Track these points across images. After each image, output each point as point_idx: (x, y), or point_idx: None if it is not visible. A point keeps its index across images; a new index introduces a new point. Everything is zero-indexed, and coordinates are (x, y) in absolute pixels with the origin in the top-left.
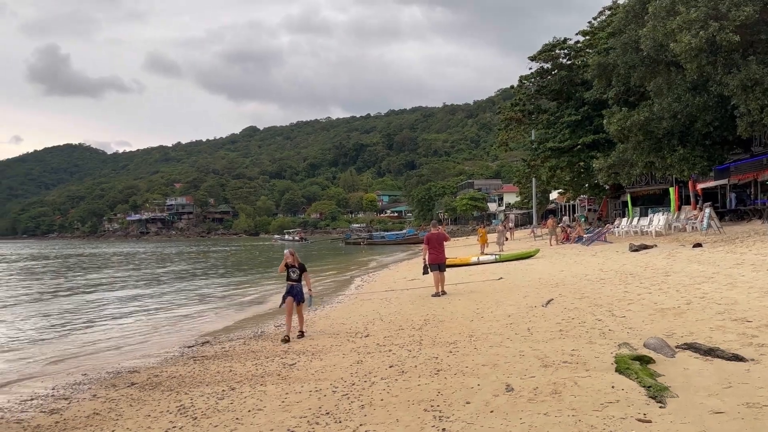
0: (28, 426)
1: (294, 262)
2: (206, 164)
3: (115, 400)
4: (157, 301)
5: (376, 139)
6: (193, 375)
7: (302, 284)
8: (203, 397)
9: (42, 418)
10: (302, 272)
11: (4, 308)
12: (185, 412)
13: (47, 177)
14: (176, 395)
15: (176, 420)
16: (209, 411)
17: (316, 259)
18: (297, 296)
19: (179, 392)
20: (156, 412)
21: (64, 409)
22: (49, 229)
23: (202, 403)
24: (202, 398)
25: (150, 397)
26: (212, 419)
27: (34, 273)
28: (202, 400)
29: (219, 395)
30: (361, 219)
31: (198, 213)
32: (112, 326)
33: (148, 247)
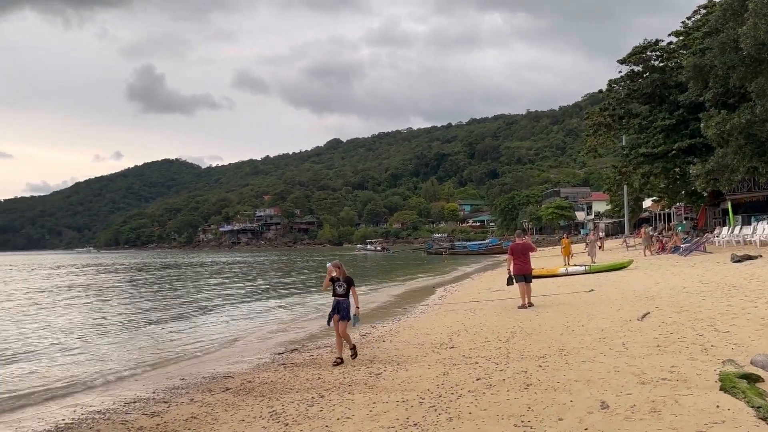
0: (132, 427)
1: (340, 276)
2: (293, 176)
3: (211, 404)
4: (251, 308)
5: (457, 148)
6: (284, 381)
7: (350, 300)
8: (294, 404)
9: (144, 420)
10: (350, 286)
11: (109, 316)
12: (277, 418)
13: (146, 190)
14: (268, 401)
15: (269, 425)
16: (300, 417)
17: (398, 269)
18: (343, 313)
19: (271, 398)
20: (250, 417)
21: (164, 412)
22: (149, 240)
23: (293, 409)
24: (293, 405)
25: (244, 402)
26: (303, 426)
27: (142, 282)
28: (293, 406)
29: (309, 402)
30: (442, 229)
31: (285, 224)
32: (207, 332)
33: (242, 256)
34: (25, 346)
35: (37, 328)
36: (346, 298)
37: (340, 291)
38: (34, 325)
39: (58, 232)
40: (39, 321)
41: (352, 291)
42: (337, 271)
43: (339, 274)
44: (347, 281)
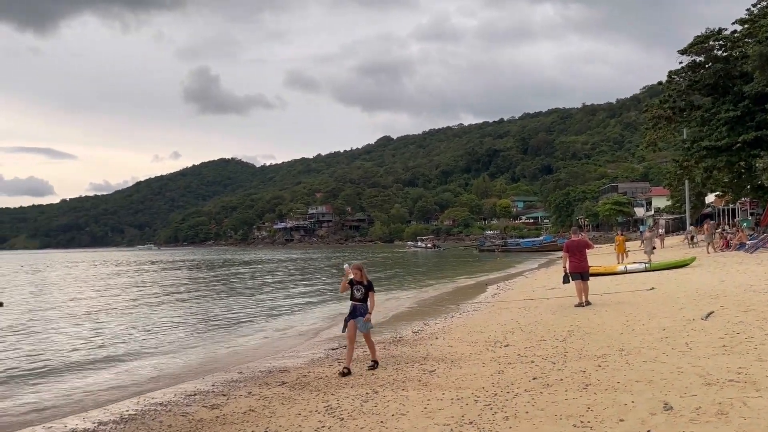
0: (192, 419)
1: (362, 279)
2: (344, 174)
3: (268, 398)
4: (307, 304)
5: (509, 143)
6: (338, 377)
7: (368, 305)
8: (348, 399)
9: (204, 413)
10: (368, 291)
11: (173, 312)
12: (332, 413)
13: (203, 189)
14: (323, 395)
15: (325, 420)
16: (355, 413)
17: (449, 266)
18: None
19: (326, 393)
20: (306, 411)
21: (223, 404)
22: (206, 237)
23: (348, 404)
24: (348, 400)
25: (299, 396)
26: (358, 421)
27: (207, 279)
28: (348, 401)
29: (363, 398)
30: (494, 226)
31: (336, 221)
32: (262, 326)
33: (296, 253)
34: (100, 339)
35: (107, 322)
36: (364, 303)
37: (358, 295)
38: (106, 320)
39: (120, 230)
40: (108, 316)
41: (370, 296)
42: (357, 273)
43: (358, 278)
44: (367, 286)
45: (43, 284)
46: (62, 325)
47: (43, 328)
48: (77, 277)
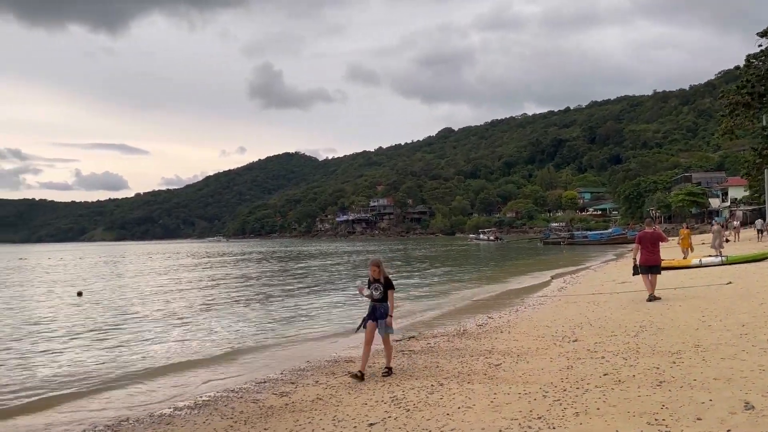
0: (263, 405)
1: (379, 276)
2: (405, 167)
3: (335, 387)
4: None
5: (576, 133)
6: (403, 368)
7: (388, 305)
8: (414, 390)
9: (274, 400)
10: (387, 290)
11: (246, 299)
12: (398, 404)
13: (269, 183)
14: (389, 386)
15: (391, 410)
16: (420, 404)
17: (512, 259)
18: (381, 320)
19: (391, 383)
20: (372, 401)
21: (292, 392)
22: (272, 230)
23: (413, 395)
24: (413, 391)
25: (365, 386)
26: (424, 413)
27: (281, 271)
28: (413, 393)
29: (428, 390)
30: (560, 217)
31: (398, 213)
32: (329, 317)
33: (361, 245)
34: (185, 328)
35: (184, 312)
36: (383, 302)
37: (377, 295)
38: (188, 309)
39: (191, 222)
40: (190, 305)
41: (390, 296)
42: (375, 271)
43: (378, 275)
44: (386, 284)
45: (122, 275)
46: (141, 315)
47: (124, 319)
48: (153, 268)
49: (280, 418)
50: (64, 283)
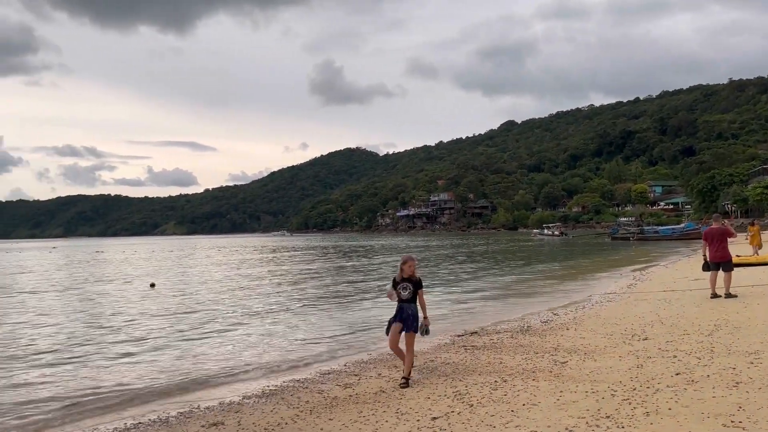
0: (327, 396)
1: (409, 275)
2: (466, 161)
3: (397, 380)
4: (432, 291)
5: (646, 124)
6: (465, 363)
7: (417, 306)
8: (477, 386)
9: (338, 391)
10: (417, 289)
11: (306, 293)
12: (461, 399)
13: (331, 178)
14: (451, 381)
15: (454, 405)
16: (484, 400)
17: (579, 255)
18: (408, 322)
19: (454, 378)
20: (435, 396)
21: (355, 384)
22: (333, 224)
23: (477, 391)
24: (476, 387)
25: (428, 380)
26: (488, 408)
27: (348, 267)
28: (476, 388)
29: (492, 386)
30: (629, 212)
31: (459, 208)
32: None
33: (422, 240)
34: (243, 321)
35: (255, 304)
36: (412, 303)
37: (405, 295)
38: (258, 303)
39: (257, 217)
40: (259, 297)
41: (419, 295)
42: (409, 267)
43: (406, 274)
44: (415, 284)
45: (190, 268)
46: (211, 306)
47: (195, 308)
48: (223, 261)
49: (344, 409)
50: (139, 276)
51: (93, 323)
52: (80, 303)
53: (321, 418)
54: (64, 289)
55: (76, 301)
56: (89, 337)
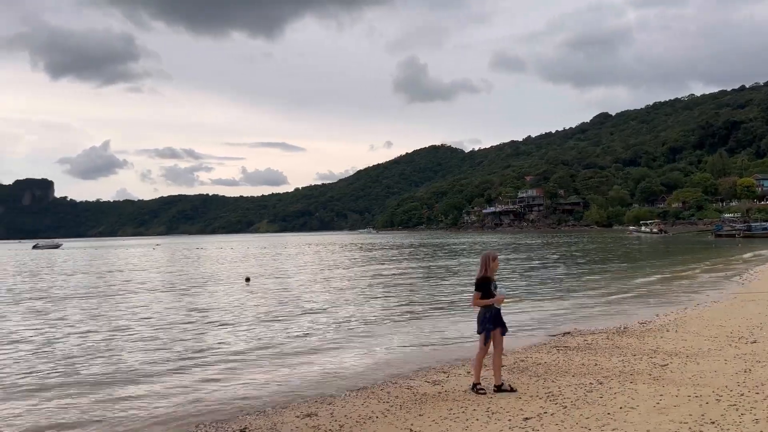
0: (416, 392)
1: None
2: (555, 156)
3: (487, 379)
4: (520, 288)
5: (753, 113)
6: (558, 364)
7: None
8: (570, 387)
9: (427, 387)
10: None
11: (399, 293)
12: (554, 400)
13: (416, 176)
14: (543, 382)
15: (546, 406)
16: (578, 402)
17: (679, 254)
18: (503, 323)
19: (546, 379)
20: (526, 396)
21: (444, 381)
22: (419, 222)
23: (570, 393)
24: (570, 388)
25: (518, 380)
26: (582, 410)
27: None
28: (570, 390)
29: (586, 387)
30: (734, 208)
31: (548, 205)
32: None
33: (512, 238)
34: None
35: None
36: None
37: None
38: (348, 301)
39: (344, 215)
40: (350, 292)
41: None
42: (494, 265)
43: (493, 272)
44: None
45: (284, 263)
46: (304, 301)
47: (288, 305)
48: (313, 260)
49: (434, 406)
50: (235, 270)
51: (185, 322)
52: (176, 302)
53: (411, 414)
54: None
55: (175, 301)
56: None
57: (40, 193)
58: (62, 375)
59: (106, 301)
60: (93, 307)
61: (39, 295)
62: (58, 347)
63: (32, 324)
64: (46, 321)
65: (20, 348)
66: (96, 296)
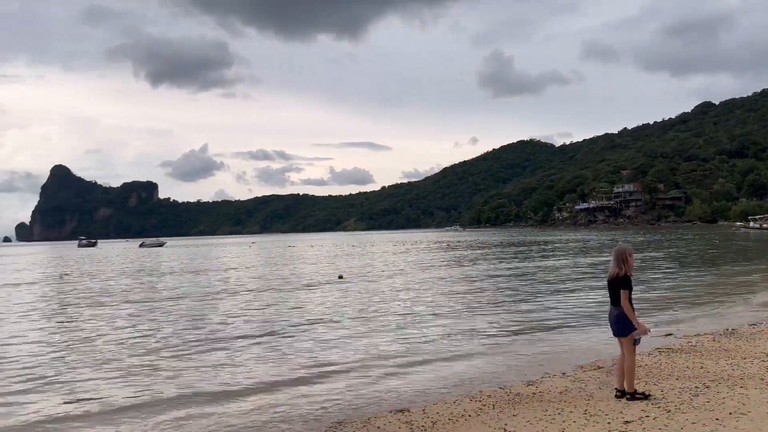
0: (509, 392)
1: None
2: (654, 148)
3: (584, 380)
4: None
5: None
6: (660, 367)
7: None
8: (674, 391)
9: (520, 387)
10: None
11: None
12: (657, 403)
13: (503, 172)
14: (645, 384)
15: (648, 409)
16: (683, 406)
17: None
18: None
19: (647, 382)
20: (625, 399)
21: (538, 382)
22: (506, 219)
23: (675, 396)
24: (674, 392)
25: (616, 382)
26: (687, 415)
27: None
28: (674, 393)
29: (692, 391)
30: None
31: (646, 200)
32: (569, 307)
33: (605, 235)
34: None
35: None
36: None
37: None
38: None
39: (430, 212)
40: (445, 294)
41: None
42: (631, 261)
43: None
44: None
45: (373, 261)
46: (400, 301)
47: (384, 303)
48: (406, 259)
49: (528, 407)
50: (328, 267)
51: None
52: (281, 301)
53: (504, 414)
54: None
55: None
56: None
57: (146, 195)
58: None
59: (206, 301)
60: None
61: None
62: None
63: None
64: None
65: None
66: (202, 297)
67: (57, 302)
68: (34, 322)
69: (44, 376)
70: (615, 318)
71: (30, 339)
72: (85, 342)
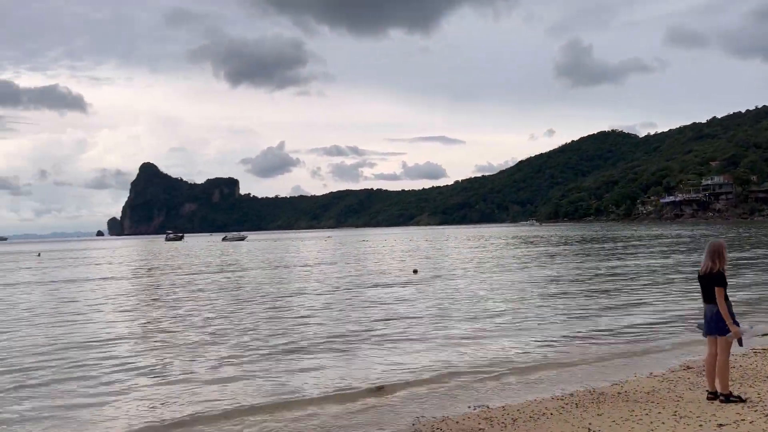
0: (593, 391)
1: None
2: (746, 138)
3: (672, 380)
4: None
5: None
6: (757, 368)
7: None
8: None
9: (606, 387)
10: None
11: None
12: (753, 407)
13: (582, 165)
14: (740, 386)
15: (744, 413)
16: None
17: None
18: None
19: (743, 384)
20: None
21: (624, 381)
22: (586, 213)
23: None
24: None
25: (706, 383)
26: None
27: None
28: None
29: None
30: None
31: (738, 192)
32: (657, 306)
33: (699, 229)
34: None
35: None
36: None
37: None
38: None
39: (504, 207)
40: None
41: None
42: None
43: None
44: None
45: (449, 256)
46: (475, 294)
47: (466, 301)
48: (484, 256)
49: (614, 406)
50: (402, 262)
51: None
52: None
53: (588, 413)
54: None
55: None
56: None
57: (228, 191)
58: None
59: (286, 300)
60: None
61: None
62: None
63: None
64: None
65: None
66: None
67: (138, 300)
68: (115, 320)
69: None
70: (712, 316)
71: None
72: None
